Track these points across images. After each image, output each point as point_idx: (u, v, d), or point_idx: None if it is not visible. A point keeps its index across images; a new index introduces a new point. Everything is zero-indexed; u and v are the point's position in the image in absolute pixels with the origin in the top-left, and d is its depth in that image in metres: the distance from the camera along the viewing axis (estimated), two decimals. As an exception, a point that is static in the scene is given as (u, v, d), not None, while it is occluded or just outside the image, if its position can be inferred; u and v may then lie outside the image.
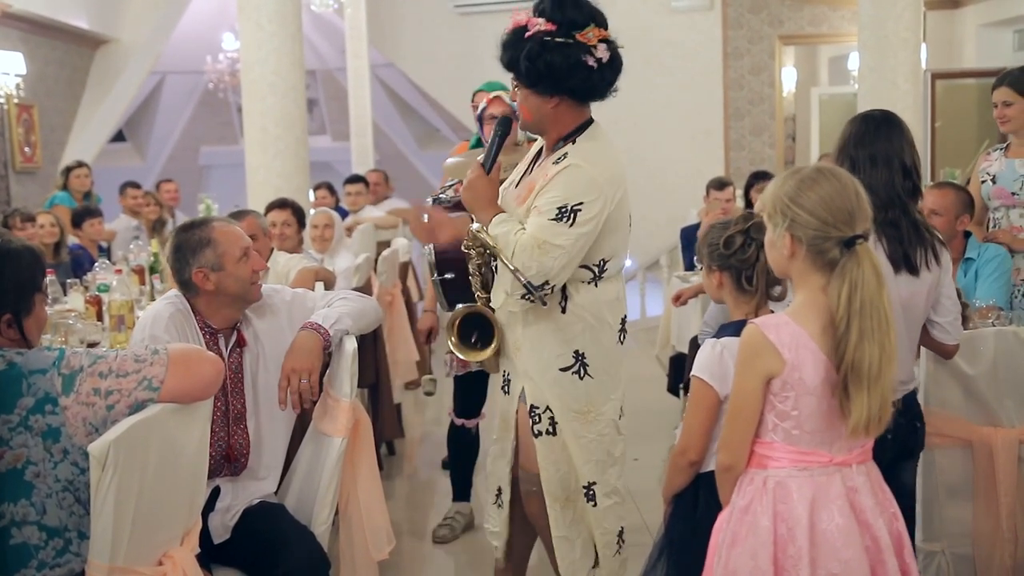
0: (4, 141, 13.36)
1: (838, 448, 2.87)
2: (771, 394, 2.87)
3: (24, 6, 13.38)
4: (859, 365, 2.77)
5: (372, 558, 4.07)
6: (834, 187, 2.84)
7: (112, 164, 18.59)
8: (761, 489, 2.90)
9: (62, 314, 5.43)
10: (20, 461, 2.70)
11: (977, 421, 3.93)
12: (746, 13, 15.91)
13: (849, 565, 2.81)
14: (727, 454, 2.98)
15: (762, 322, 2.91)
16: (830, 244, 2.82)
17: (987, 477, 3.90)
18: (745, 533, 2.88)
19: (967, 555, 3.96)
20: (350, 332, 4.03)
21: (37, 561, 2.73)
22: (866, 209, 2.87)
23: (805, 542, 2.81)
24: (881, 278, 2.82)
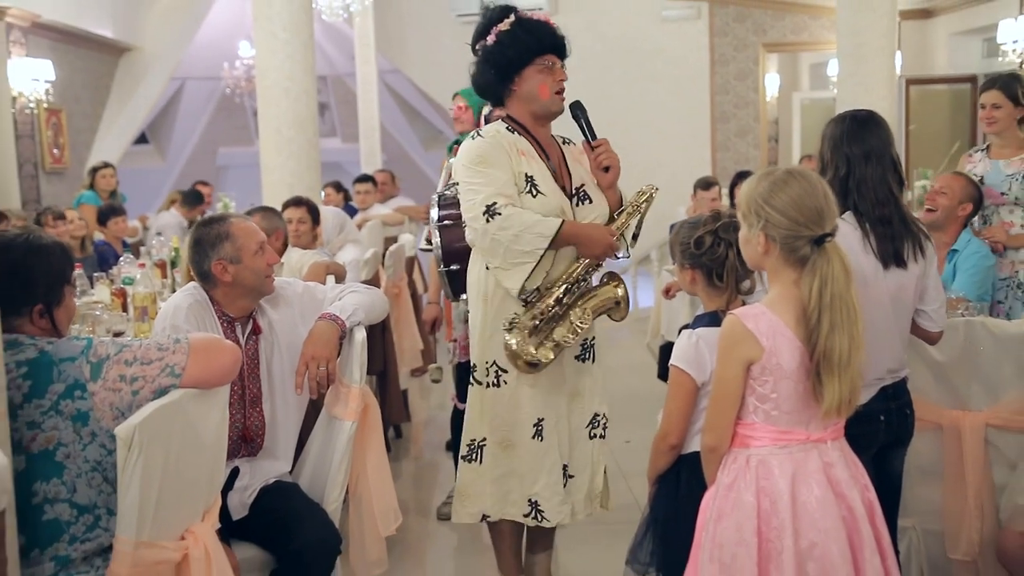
0: (34, 143, 13.35)
1: (814, 426, 2.90)
2: (751, 379, 2.90)
3: (53, 17, 13.38)
4: (830, 353, 2.81)
5: (380, 534, 4.08)
6: (804, 188, 2.87)
7: (135, 165, 18.57)
8: (744, 467, 2.92)
9: (90, 305, 5.44)
10: (52, 443, 2.71)
11: (947, 405, 3.94)
12: (731, 22, 15.92)
13: (828, 534, 2.84)
14: (712, 436, 3.00)
15: (741, 313, 2.93)
16: (801, 242, 2.85)
17: (956, 458, 3.91)
18: (730, 508, 2.90)
19: (937, 531, 3.98)
20: (362, 323, 4.04)
21: (69, 535, 2.75)
22: (834, 208, 2.91)
23: (787, 514, 2.83)
24: (849, 273, 2.84)
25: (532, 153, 4.12)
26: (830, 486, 2.88)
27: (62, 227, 8.62)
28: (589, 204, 4.17)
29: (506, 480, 4.17)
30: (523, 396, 4.12)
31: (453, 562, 5.30)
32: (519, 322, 3.98)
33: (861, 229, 3.51)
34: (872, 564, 2.87)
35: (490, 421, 4.17)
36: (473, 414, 4.22)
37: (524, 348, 3.96)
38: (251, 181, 9.55)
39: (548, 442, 4.14)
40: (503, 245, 3.92)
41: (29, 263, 2.86)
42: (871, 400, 3.51)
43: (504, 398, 4.13)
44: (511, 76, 4.13)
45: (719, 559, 2.89)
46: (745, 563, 2.84)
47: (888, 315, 3.52)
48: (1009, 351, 3.81)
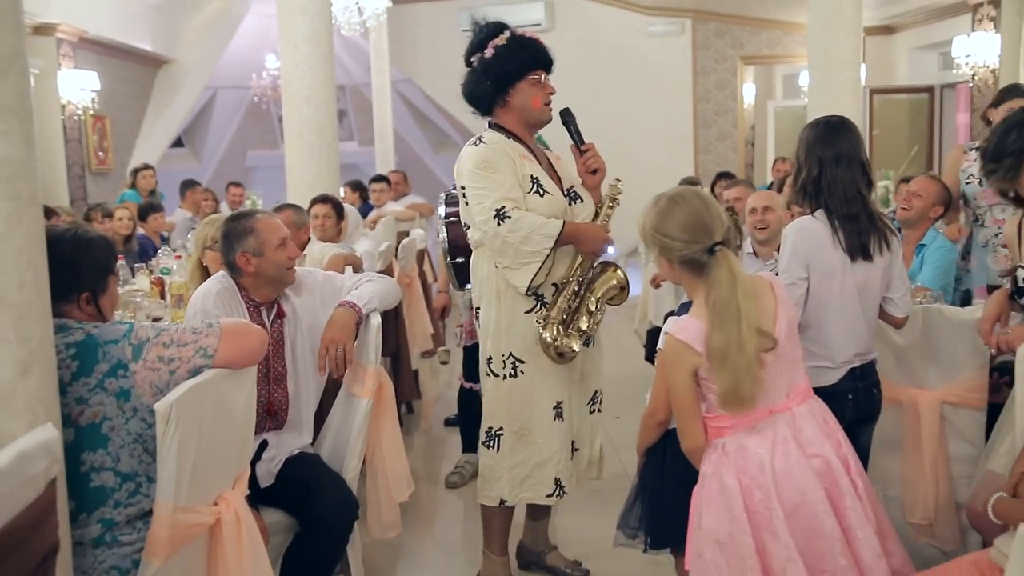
0: (81, 147, 13.36)
1: (773, 399, 2.91)
2: (702, 379, 2.93)
3: (98, 32, 13.40)
4: (710, 349, 2.85)
5: (394, 500, 4.11)
6: (685, 211, 2.94)
7: (172, 167, 18.54)
8: (722, 454, 2.93)
9: (131, 293, 5.46)
10: (97, 417, 2.71)
11: (906, 384, 3.94)
12: (712, 37, 15.90)
13: (806, 494, 2.84)
14: (687, 440, 3.04)
15: (673, 330, 2.98)
16: (697, 254, 2.88)
17: (914, 431, 3.91)
18: (716, 494, 2.91)
19: (896, 496, 3.98)
20: (377, 309, 4.05)
21: (113, 501, 2.75)
22: (720, 217, 2.94)
23: (770, 484, 2.84)
24: (734, 278, 2.86)
25: (531, 157, 4.10)
26: (801, 449, 2.89)
27: (108, 224, 8.67)
28: (581, 203, 4.17)
29: (521, 468, 4.13)
30: (541, 383, 4.09)
31: (461, 526, 5.31)
32: (551, 317, 3.99)
33: (831, 226, 3.51)
34: (854, 510, 2.88)
35: (506, 411, 4.12)
36: (490, 404, 4.17)
37: (563, 341, 3.98)
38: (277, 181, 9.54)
39: (567, 423, 4.14)
40: (513, 246, 3.89)
41: (77, 255, 2.87)
42: (840, 380, 3.51)
43: (522, 388, 4.09)
44: (506, 88, 4.11)
45: (717, 540, 2.89)
46: (742, 539, 2.84)
47: (855, 304, 3.52)
48: (962, 335, 3.81)
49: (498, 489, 4.17)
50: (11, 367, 2.21)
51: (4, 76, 2.17)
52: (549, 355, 3.99)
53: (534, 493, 4.15)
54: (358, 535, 3.97)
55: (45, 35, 12.39)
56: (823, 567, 2.83)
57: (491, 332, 4.12)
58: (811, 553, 2.83)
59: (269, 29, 16.32)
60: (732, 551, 2.86)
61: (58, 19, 12.44)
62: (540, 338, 3.98)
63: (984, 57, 11.95)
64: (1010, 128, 3.59)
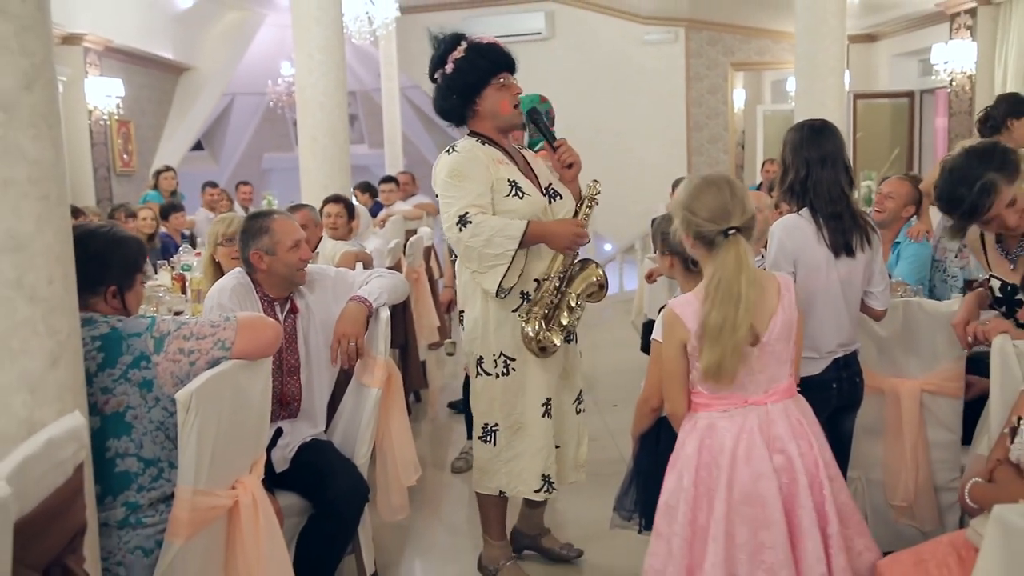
0: (107, 150, 13.39)
1: (751, 391, 2.92)
2: (690, 354, 2.95)
3: (123, 41, 13.44)
4: (706, 325, 2.85)
5: (402, 484, 4.11)
6: (714, 192, 2.94)
7: (192, 169, 18.54)
8: (693, 428, 2.97)
9: (153, 288, 5.46)
10: (121, 406, 2.72)
11: (888, 373, 3.95)
12: (704, 45, 15.90)
13: (759, 484, 2.83)
14: (669, 404, 3.08)
15: (673, 303, 3.02)
16: (714, 235, 2.89)
17: (895, 418, 3.91)
18: (676, 460, 2.98)
19: (878, 480, 3.98)
20: (386, 304, 4.05)
21: (137, 485, 2.76)
22: (745, 205, 2.93)
23: (726, 464, 2.86)
24: (740, 264, 2.86)
25: (507, 161, 4.02)
26: (765, 442, 2.89)
27: (132, 223, 8.70)
28: (560, 200, 4.10)
29: (517, 461, 4.10)
30: (531, 380, 4.05)
31: (466, 510, 5.32)
32: (533, 313, 3.94)
33: (815, 223, 3.51)
34: (806, 511, 2.86)
35: (501, 408, 4.08)
36: (483, 402, 4.12)
37: (544, 335, 3.93)
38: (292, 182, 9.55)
39: (554, 419, 4.11)
40: (476, 251, 3.81)
41: (109, 250, 2.89)
42: (825, 370, 3.52)
43: (514, 385, 4.05)
44: (472, 97, 4.02)
45: (666, 502, 2.97)
46: (680, 506, 2.89)
47: (839, 297, 3.52)
48: (941, 327, 3.82)
49: (496, 481, 4.14)
50: (41, 358, 2.21)
51: (33, 84, 2.18)
52: (531, 349, 3.93)
53: (527, 488, 4.11)
54: (368, 517, 3.98)
55: (73, 44, 12.42)
56: (762, 557, 2.82)
57: (479, 333, 4.07)
58: (753, 543, 2.82)
59: (284, 38, 16.30)
60: (672, 515, 2.91)
61: (85, 29, 12.47)
62: (523, 332, 3.93)
63: (961, 64, 11.97)
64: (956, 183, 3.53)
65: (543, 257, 4.00)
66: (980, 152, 3.48)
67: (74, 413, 2.22)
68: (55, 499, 2.00)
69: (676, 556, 2.88)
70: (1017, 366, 3.19)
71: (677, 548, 2.88)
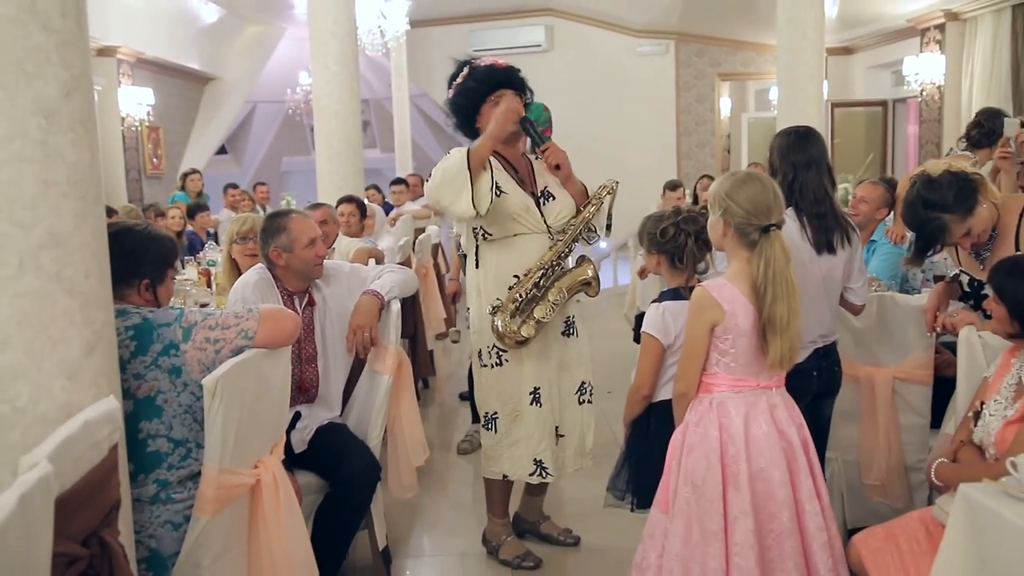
0: (138, 154, 13.42)
1: (762, 377, 2.92)
2: (715, 337, 2.92)
3: (153, 53, 13.50)
4: (773, 318, 2.83)
5: (412, 464, 4.12)
6: (758, 188, 2.90)
7: (217, 171, 18.56)
8: (708, 408, 2.94)
9: (181, 282, 5.46)
10: (152, 391, 2.73)
11: (863, 362, 3.95)
12: (693, 56, 15.90)
13: (772, 460, 2.86)
14: (682, 383, 3.02)
15: (707, 284, 2.97)
16: (751, 229, 2.87)
17: (870, 403, 3.92)
18: (699, 442, 2.93)
19: (854, 461, 3.99)
20: (397, 297, 4.06)
21: (167, 464, 2.77)
22: (781, 205, 2.93)
23: (741, 445, 2.86)
24: (788, 256, 2.86)
25: (498, 166, 4.00)
26: (774, 424, 2.91)
27: (162, 222, 8.74)
28: (553, 201, 4.07)
29: (517, 447, 4.09)
30: (522, 370, 4.05)
31: (471, 488, 5.32)
32: (501, 306, 3.91)
33: (799, 222, 3.51)
34: (805, 485, 2.90)
35: (498, 396, 4.08)
36: (483, 392, 4.13)
37: (508, 327, 3.89)
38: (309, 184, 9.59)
39: (545, 407, 4.07)
40: (442, 179, 3.83)
41: (143, 246, 2.89)
42: (806, 359, 3.52)
43: (508, 374, 4.05)
44: (472, 117, 4.11)
45: (692, 482, 2.91)
46: (713, 484, 2.87)
47: (820, 291, 3.52)
48: (912, 319, 3.82)
49: (500, 465, 4.13)
50: (78, 347, 2.22)
51: (72, 93, 2.19)
52: (505, 343, 3.92)
53: (523, 471, 4.11)
54: (380, 495, 3.98)
55: (107, 56, 12.46)
56: (771, 527, 2.86)
57: (477, 327, 4.09)
58: (764, 512, 2.86)
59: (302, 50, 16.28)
60: (703, 492, 2.88)
61: (118, 42, 12.51)
62: (491, 325, 3.93)
63: (931, 75, 12.00)
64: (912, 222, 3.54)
65: (533, 252, 3.99)
66: (933, 190, 3.43)
67: (109, 397, 2.22)
68: (92, 476, 2.01)
69: (714, 532, 2.85)
70: (982, 355, 3.21)
71: (716, 526, 2.85)
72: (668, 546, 2.96)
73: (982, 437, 2.87)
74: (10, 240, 2.12)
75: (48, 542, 1.76)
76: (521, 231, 3.97)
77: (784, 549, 2.85)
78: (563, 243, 4.02)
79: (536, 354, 4.03)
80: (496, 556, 4.29)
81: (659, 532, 3.01)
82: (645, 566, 3.04)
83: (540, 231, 4.01)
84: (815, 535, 2.88)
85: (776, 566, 2.86)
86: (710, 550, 2.85)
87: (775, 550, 2.86)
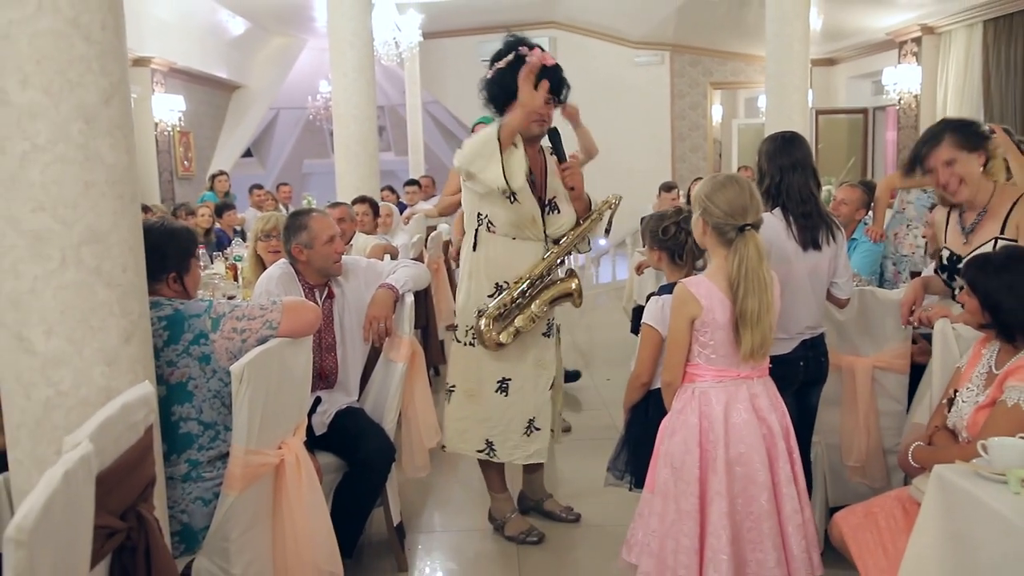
0: (170, 157, 13.44)
1: (743, 368, 2.92)
2: (695, 330, 2.93)
3: (184, 63, 13.54)
4: (745, 312, 2.84)
5: (424, 446, 4.13)
6: (735, 190, 2.90)
7: (243, 173, 18.56)
8: (690, 396, 2.94)
9: (210, 276, 5.49)
10: (184, 377, 2.74)
11: (845, 352, 3.95)
12: (687, 66, 15.90)
13: (751, 446, 2.86)
14: (668, 373, 3.02)
15: (687, 281, 2.98)
16: (728, 228, 2.88)
17: (851, 391, 3.91)
18: (680, 427, 2.93)
19: (835, 444, 3.99)
20: (411, 290, 4.07)
21: (197, 445, 2.79)
22: (758, 206, 2.92)
23: (721, 431, 2.86)
24: (761, 254, 2.86)
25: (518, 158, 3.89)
26: (754, 412, 2.91)
27: (192, 220, 8.77)
28: (557, 214, 4.02)
29: (464, 421, 4.10)
30: (489, 357, 4.03)
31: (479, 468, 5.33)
32: (487, 311, 3.93)
33: (785, 221, 3.50)
34: (784, 470, 2.90)
35: (461, 372, 4.09)
36: (451, 365, 4.15)
37: (489, 332, 3.92)
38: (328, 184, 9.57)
39: (512, 399, 4.05)
40: (472, 154, 3.74)
41: (164, 242, 2.89)
42: (794, 349, 3.51)
43: (475, 357, 4.04)
44: (503, 105, 3.91)
45: (671, 464, 2.93)
46: (691, 467, 2.88)
47: (807, 286, 3.52)
48: (890, 313, 3.82)
49: (445, 435, 4.18)
50: (116, 335, 2.23)
51: (111, 100, 2.20)
52: (485, 344, 3.94)
53: (468, 447, 4.12)
54: (395, 474, 3.99)
55: (142, 66, 12.49)
56: (751, 509, 2.86)
57: (460, 307, 4.09)
58: (744, 495, 2.86)
59: (322, 60, 16.32)
60: (680, 474, 2.89)
61: (152, 53, 12.54)
62: (475, 325, 3.96)
63: (908, 85, 12.01)
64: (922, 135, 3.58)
65: (526, 262, 3.97)
66: (958, 118, 3.49)
67: (144, 383, 2.24)
68: (129, 455, 2.02)
69: (688, 511, 2.86)
70: (955, 346, 3.21)
71: (690, 505, 2.86)
72: (648, 523, 2.98)
73: (955, 422, 2.87)
74: (54, 236, 2.14)
75: (90, 515, 1.77)
76: (521, 236, 3.96)
77: (762, 530, 2.86)
78: (554, 255, 4.00)
79: (513, 350, 4.02)
80: (502, 532, 4.30)
81: (647, 511, 3.02)
82: (633, 543, 3.05)
83: (538, 239, 4.00)
84: (791, 517, 2.89)
85: (754, 545, 2.86)
86: (684, 528, 2.86)
87: (754, 531, 2.86)
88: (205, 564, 2.68)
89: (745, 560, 2.87)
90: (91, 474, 1.77)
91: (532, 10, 15.18)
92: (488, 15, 15.02)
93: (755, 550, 2.86)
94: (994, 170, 3.45)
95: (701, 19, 13.98)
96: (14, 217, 2.13)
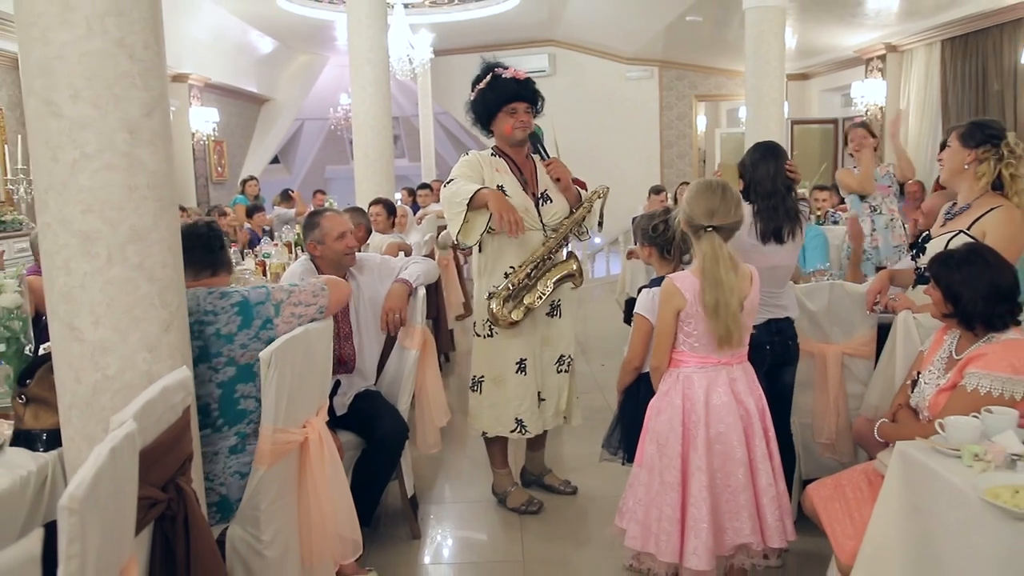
0: (205, 164, 13.45)
1: (722, 354, 2.93)
2: (680, 321, 2.95)
3: (219, 79, 13.56)
4: (707, 305, 2.86)
5: (436, 426, 4.13)
6: (707, 194, 2.93)
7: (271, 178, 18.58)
8: (675, 380, 2.96)
9: (241, 271, 5.50)
10: (253, 359, 2.75)
11: (817, 340, 3.95)
12: (674, 80, 15.88)
13: (730, 426, 2.88)
14: (656, 359, 3.05)
15: (673, 277, 3.00)
16: (696, 229, 2.91)
17: (822, 375, 3.91)
18: (665, 407, 2.96)
19: (808, 423, 3.99)
20: (423, 284, 4.08)
21: (248, 419, 2.80)
22: (728, 210, 2.91)
23: (702, 412, 2.88)
24: (716, 255, 2.88)
25: (506, 169, 4.05)
26: (733, 395, 2.92)
27: (224, 221, 8.79)
28: (550, 203, 4.08)
29: (496, 407, 4.12)
30: (509, 343, 4.07)
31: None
32: (496, 293, 3.96)
33: (753, 216, 3.50)
34: (760, 448, 2.92)
35: (486, 363, 4.12)
36: (475, 358, 4.17)
37: (501, 311, 3.95)
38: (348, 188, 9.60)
39: (529, 376, 4.09)
40: (447, 200, 3.92)
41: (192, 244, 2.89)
42: (759, 334, 3.51)
43: (496, 346, 4.08)
44: (487, 121, 4.10)
45: (656, 440, 2.96)
46: (674, 444, 2.90)
47: (767, 275, 3.51)
48: (857, 304, 3.82)
49: (480, 423, 4.18)
50: (157, 325, 2.24)
51: (153, 112, 2.21)
52: (499, 324, 3.98)
53: (503, 429, 4.14)
54: (409, 451, 4.01)
55: (180, 82, 12.51)
56: (728, 482, 2.88)
57: (476, 302, 4.14)
58: (723, 470, 2.88)
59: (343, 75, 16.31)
60: (664, 450, 2.92)
61: (189, 70, 12.55)
62: (488, 307, 3.99)
63: (874, 98, 12.01)
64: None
65: (523, 249, 4.00)
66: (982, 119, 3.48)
67: (182, 368, 2.24)
68: (169, 433, 2.03)
69: (671, 483, 2.88)
70: (916, 334, 3.22)
71: (672, 478, 2.88)
72: (636, 493, 3.01)
73: (918, 402, 2.88)
74: (101, 236, 2.15)
75: (134, 487, 1.78)
76: None
77: (739, 502, 2.88)
78: (554, 240, 4.04)
79: (524, 331, 4.06)
80: (505, 504, 4.31)
81: (635, 482, 3.04)
82: (625, 510, 3.08)
83: (536, 228, 4.02)
84: (766, 490, 2.90)
85: (732, 515, 2.89)
86: (667, 499, 2.89)
87: (732, 502, 2.88)
88: (238, 531, 2.68)
89: (723, 528, 2.89)
90: (135, 450, 1.77)
91: (533, 30, 15.16)
92: (493, 34, 15.00)
93: (733, 519, 2.88)
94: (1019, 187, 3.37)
95: (687, 38, 13.95)
96: (66, 219, 2.14)
